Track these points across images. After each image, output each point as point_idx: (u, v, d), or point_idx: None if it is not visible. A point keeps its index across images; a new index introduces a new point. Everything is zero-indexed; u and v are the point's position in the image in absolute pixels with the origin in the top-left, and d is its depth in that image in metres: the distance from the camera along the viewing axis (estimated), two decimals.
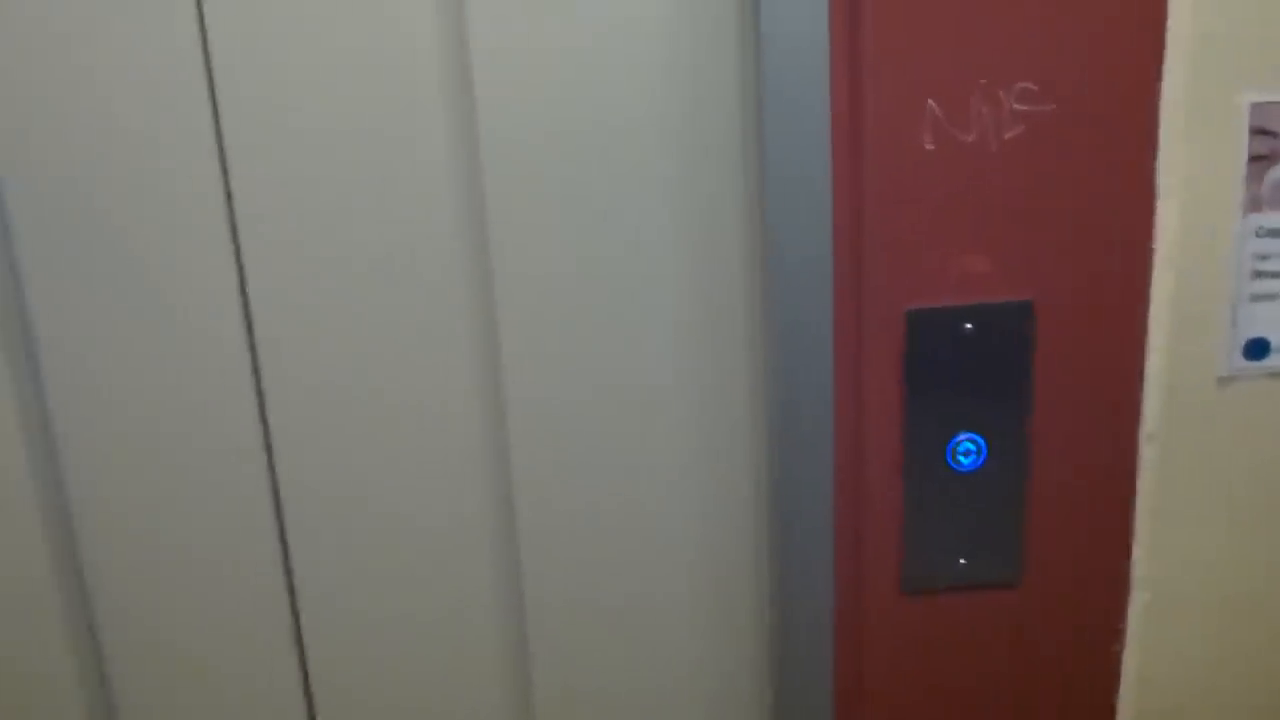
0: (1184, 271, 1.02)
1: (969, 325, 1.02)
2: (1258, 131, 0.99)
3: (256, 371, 1.10)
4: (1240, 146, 0.99)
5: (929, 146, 0.97)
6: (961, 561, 1.08)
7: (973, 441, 1.05)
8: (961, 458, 1.05)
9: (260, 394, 1.10)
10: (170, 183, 1.04)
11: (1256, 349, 1.05)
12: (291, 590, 1.17)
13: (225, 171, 1.04)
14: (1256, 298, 1.03)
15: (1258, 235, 1.02)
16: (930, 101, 0.96)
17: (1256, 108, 0.99)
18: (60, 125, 1.02)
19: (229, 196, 1.05)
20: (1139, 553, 1.09)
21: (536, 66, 1.02)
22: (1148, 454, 1.07)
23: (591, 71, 1.02)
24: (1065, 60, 0.95)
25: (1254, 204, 1.01)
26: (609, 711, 1.22)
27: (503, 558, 1.17)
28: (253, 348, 1.09)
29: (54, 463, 1.12)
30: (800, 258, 1.00)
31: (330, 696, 1.21)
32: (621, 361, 1.11)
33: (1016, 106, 0.95)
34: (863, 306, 1.01)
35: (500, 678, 1.21)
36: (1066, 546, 1.08)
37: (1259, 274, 1.03)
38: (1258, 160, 1.00)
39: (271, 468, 1.13)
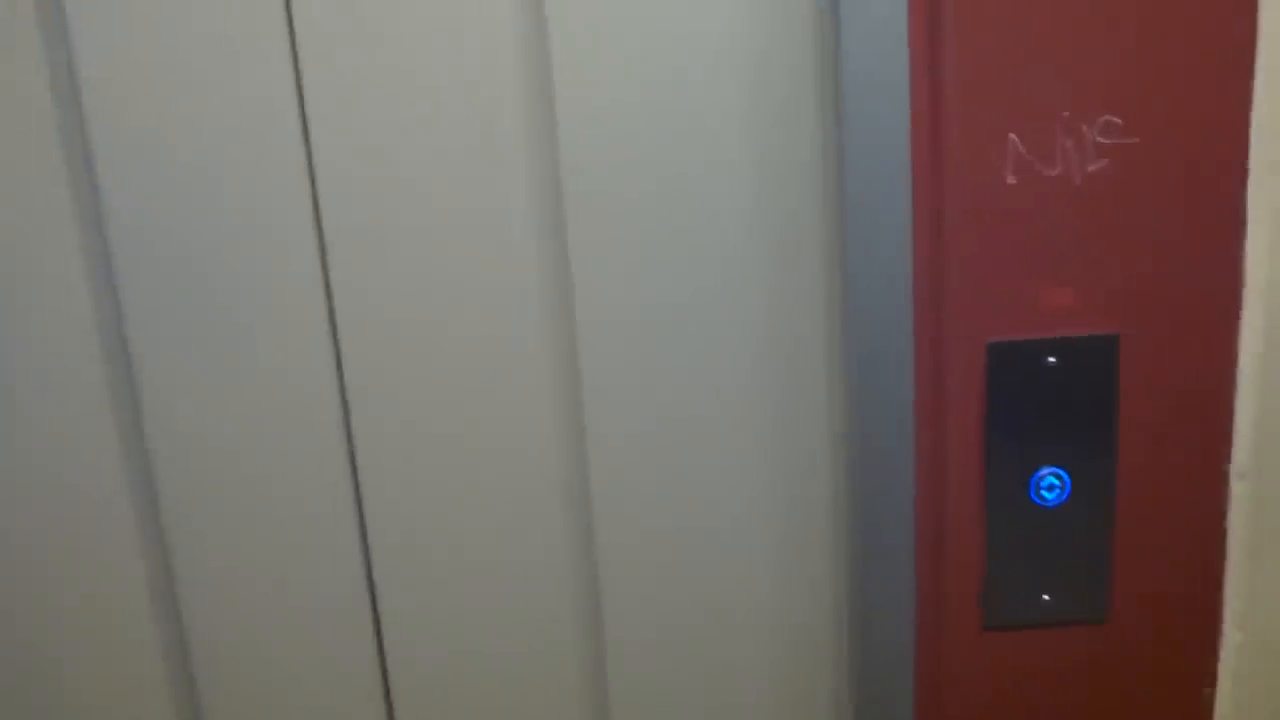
0: (1274, 304, 1.00)
1: (1052, 358, 1.01)
2: None
3: (344, 401, 1.13)
4: None
5: (1011, 180, 0.96)
6: (1045, 598, 1.06)
7: (1056, 476, 1.03)
8: (1045, 492, 1.04)
9: (348, 423, 1.13)
10: (263, 221, 1.08)
11: None
12: (376, 619, 1.20)
13: (319, 222, 1.08)
14: None
15: None
16: (1012, 135, 0.95)
17: None
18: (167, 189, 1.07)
19: (323, 252, 1.08)
20: (1231, 591, 1.07)
21: (619, 112, 1.04)
22: (1238, 491, 1.04)
23: (673, 108, 1.04)
24: (1150, 92, 0.94)
25: None
26: None
27: (581, 583, 1.18)
28: (341, 377, 1.12)
29: (154, 505, 1.17)
30: (880, 289, 1.00)
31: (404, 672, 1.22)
32: (699, 392, 1.11)
33: (1100, 139, 0.95)
34: (943, 339, 1.01)
35: (578, 706, 1.21)
36: (1154, 584, 1.06)
37: None
38: None
39: (359, 500, 1.16)
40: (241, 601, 1.19)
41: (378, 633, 1.19)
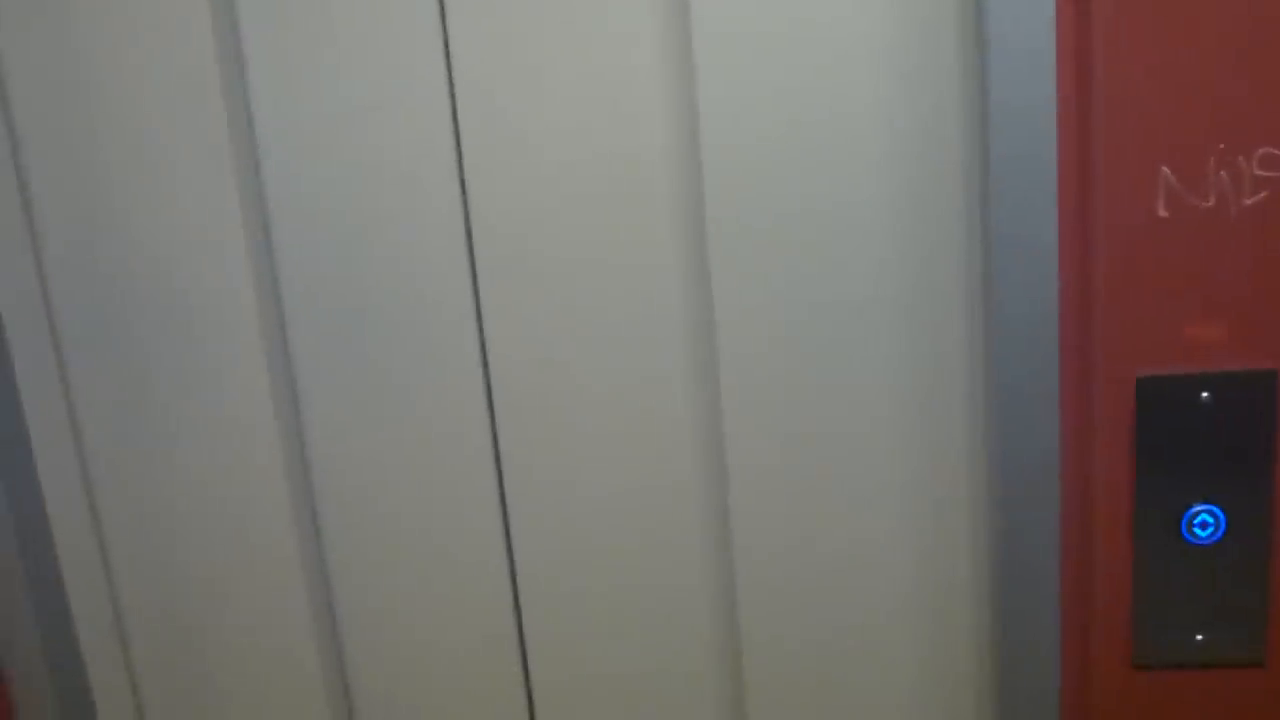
0: None
1: (1205, 394, 0.99)
2: None
3: (497, 452, 1.17)
4: None
5: (1163, 213, 0.95)
6: (1198, 638, 1.04)
7: (1210, 514, 1.01)
8: (1198, 530, 1.02)
9: (500, 469, 1.18)
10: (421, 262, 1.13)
11: None
12: (518, 609, 1.24)
13: (471, 248, 1.13)
14: None
15: None
16: (1164, 168, 0.94)
17: None
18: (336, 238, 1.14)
19: (476, 291, 1.13)
20: None
21: (764, 149, 1.06)
22: None
23: (818, 150, 1.06)
24: None
25: None
26: None
27: (718, 586, 1.20)
28: (490, 403, 1.17)
29: (314, 523, 1.23)
30: (1026, 320, 1.00)
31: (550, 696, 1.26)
32: (841, 427, 1.12)
33: (1258, 173, 0.93)
34: (1092, 371, 1.00)
35: (713, 705, 1.23)
36: None
37: None
38: None
39: (502, 497, 1.20)
40: (396, 612, 1.24)
41: (519, 619, 1.23)
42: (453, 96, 1.09)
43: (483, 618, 1.22)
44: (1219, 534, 1.01)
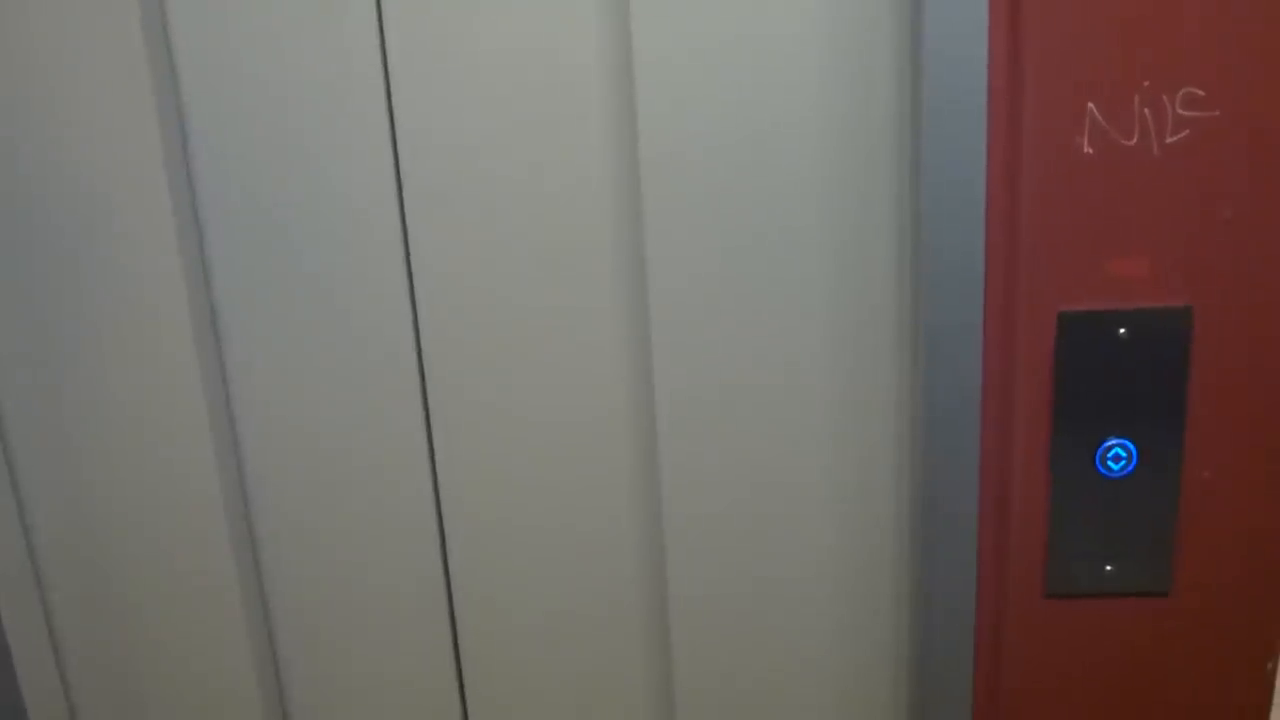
0: None
1: (1123, 330, 1.01)
2: None
3: (423, 377, 1.16)
4: None
5: (1088, 150, 0.97)
6: (1108, 568, 1.07)
7: (1124, 448, 1.04)
8: (1111, 463, 1.04)
9: (425, 398, 1.17)
10: (346, 187, 1.11)
11: None
12: (449, 590, 1.24)
13: (399, 182, 1.11)
14: None
15: None
16: (1090, 104, 0.96)
17: None
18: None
19: (402, 211, 1.12)
20: None
21: (697, 69, 1.06)
22: None
23: (749, 71, 1.05)
24: (1233, 65, 0.94)
25: None
26: (746, 705, 1.25)
27: (649, 555, 1.21)
28: (420, 357, 1.16)
29: (239, 467, 1.22)
30: (952, 256, 1.01)
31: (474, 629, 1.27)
32: (769, 357, 1.13)
33: (1181, 111, 0.95)
34: (1014, 307, 1.02)
35: (644, 672, 1.25)
36: (1219, 557, 1.06)
37: None
38: None
39: (435, 476, 1.20)
40: (320, 549, 1.24)
41: (450, 605, 1.24)
42: (379, 5, 1.06)
43: (406, 538, 1.22)
44: (1131, 467, 1.04)
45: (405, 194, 1.11)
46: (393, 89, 1.08)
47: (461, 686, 1.27)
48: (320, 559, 1.24)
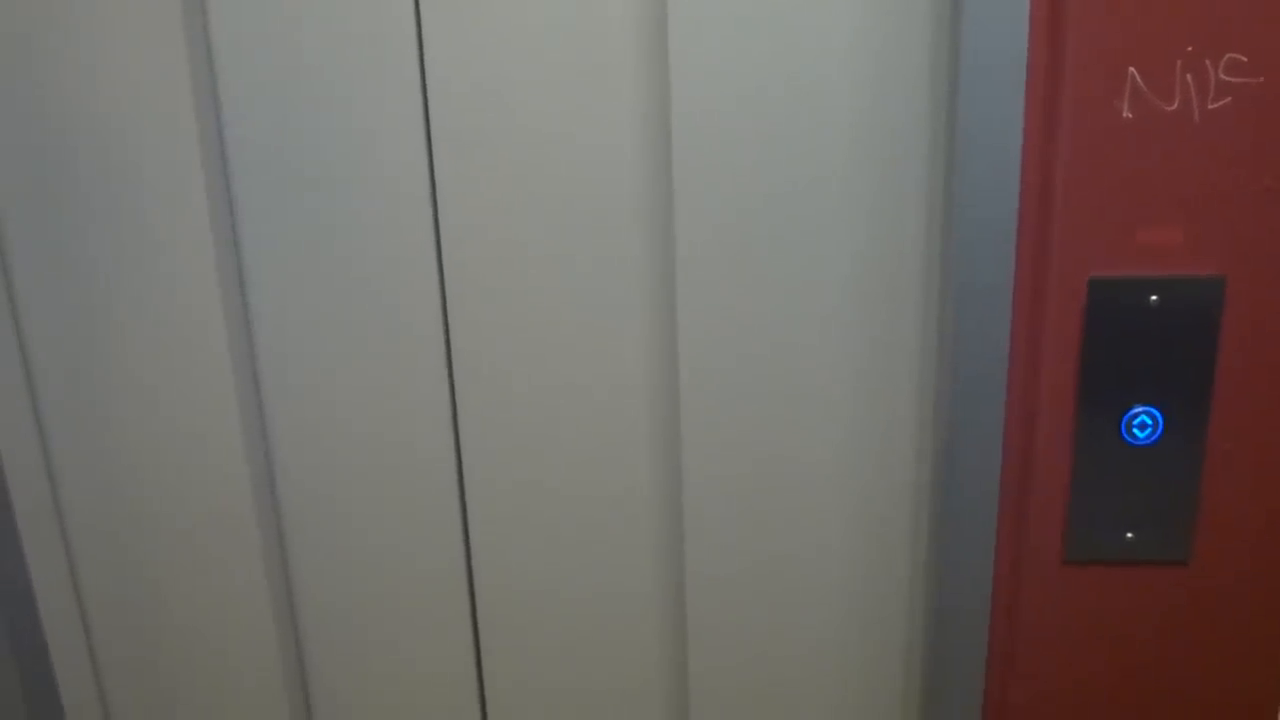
0: None
1: (1155, 297, 1.01)
2: None
3: (447, 334, 1.17)
4: None
5: (1127, 114, 0.96)
6: (1129, 535, 1.07)
7: (1150, 415, 1.04)
8: (1137, 431, 1.04)
9: (452, 389, 1.19)
10: (378, 177, 1.12)
11: None
12: (470, 577, 1.26)
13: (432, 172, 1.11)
14: None
15: None
16: (1131, 69, 0.95)
17: None
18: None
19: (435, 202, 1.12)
20: None
21: (731, 22, 1.05)
22: None
23: (783, 27, 1.05)
24: (1277, 32, 0.93)
25: None
26: (763, 674, 1.26)
27: (668, 539, 1.22)
28: (449, 354, 1.16)
29: (269, 457, 1.24)
30: (985, 218, 1.01)
31: (501, 671, 1.28)
32: (795, 319, 1.13)
33: (1224, 77, 0.94)
34: (1046, 271, 1.01)
35: (659, 655, 1.26)
36: (1241, 528, 1.06)
37: None
38: None
39: (459, 465, 1.21)
40: (343, 519, 1.25)
41: (471, 588, 1.25)
42: None
43: (428, 505, 1.23)
44: (1156, 435, 1.04)
45: (434, 147, 1.11)
46: (425, 41, 1.08)
47: (481, 675, 1.29)
48: (345, 542, 1.26)
